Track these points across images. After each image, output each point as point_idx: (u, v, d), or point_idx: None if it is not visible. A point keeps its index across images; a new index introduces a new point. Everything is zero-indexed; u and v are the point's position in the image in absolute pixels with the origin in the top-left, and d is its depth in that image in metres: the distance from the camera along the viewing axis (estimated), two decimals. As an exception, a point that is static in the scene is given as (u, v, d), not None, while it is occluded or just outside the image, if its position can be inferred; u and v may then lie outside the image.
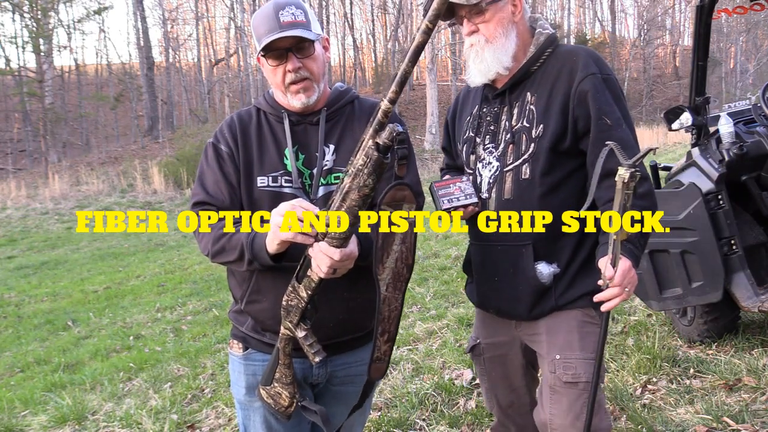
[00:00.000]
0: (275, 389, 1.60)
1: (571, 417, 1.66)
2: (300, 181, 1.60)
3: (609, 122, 1.59)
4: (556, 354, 1.69)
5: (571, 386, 1.66)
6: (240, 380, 1.72)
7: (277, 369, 1.58)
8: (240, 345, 1.71)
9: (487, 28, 1.67)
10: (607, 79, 1.64)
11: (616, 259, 1.49)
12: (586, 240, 1.71)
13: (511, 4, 1.69)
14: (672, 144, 16.09)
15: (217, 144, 1.65)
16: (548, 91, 1.67)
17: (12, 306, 7.26)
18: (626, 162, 1.39)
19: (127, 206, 15.58)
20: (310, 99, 1.59)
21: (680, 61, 33.83)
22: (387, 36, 34.52)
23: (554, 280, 1.69)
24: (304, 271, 1.45)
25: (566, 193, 1.68)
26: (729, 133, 3.10)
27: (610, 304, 1.53)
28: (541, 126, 1.66)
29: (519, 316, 1.77)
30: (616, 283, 1.50)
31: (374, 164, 1.25)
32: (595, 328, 1.71)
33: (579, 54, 1.68)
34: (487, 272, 1.80)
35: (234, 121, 1.68)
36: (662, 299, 3.28)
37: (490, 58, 1.68)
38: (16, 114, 30.17)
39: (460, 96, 1.96)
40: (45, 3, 24.47)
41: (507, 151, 1.71)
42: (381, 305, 1.38)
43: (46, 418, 3.55)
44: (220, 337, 4.83)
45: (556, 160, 1.66)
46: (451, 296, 5.09)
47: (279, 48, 1.55)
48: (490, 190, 1.74)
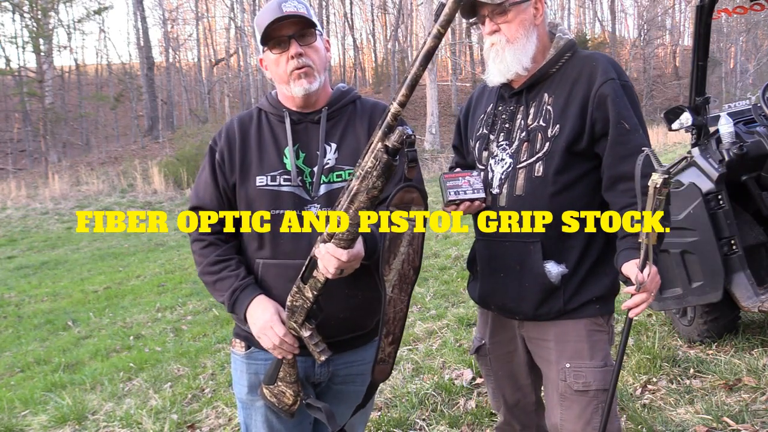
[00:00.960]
0: (279, 388, 1.60)
1: (582, 423, 1.68)
2: (300, 179, 1.61)
3: (628, 126, 1.62)
4: (566, 362, 1.70)
5: (581, 394, 1.68)
6: (242, 379, 1.72)
7: (281, 368, 1.59)
8: (242, 344, 1.71)
9: (509, 29, 1.69)
10: (626, 86, 1.67)
11: (645, 264, 1.49)
12: (595, 242, 1.72)
13: (533, 7, 1.71)
14: (672, 144, 16.10)
15: (214, 148, 1.68)
16: (567, 92, 1.69)
17: (12, 306, 7.26)
18: (661, 168, 1.40)
19: (127, 206, 15.57)
20: (311, 86, 1.60)
21: (680, 61, 33.83)
22: (387, 36, 34.53)
23: (563, 281, 1.70)
24: (310, 272, 1.46)
25: (577, 193, 1.69)
26: (729, 133, 3.11)
27: (638, 310, 1.54)
28: (557, 126, 1.68)
29: (523, 315, 1.77)
30: (647, 288, 1.51)
31: (383, 167, 1.26)
32: (603, 336, 1.73)
33: (599, 59, 1.71)
34: (493, 268, 1.80)
35: (233, 125, 1.70)
36: (662, 299, 3.28)
37: (510, 58, 1.70)
38: (16, 114, 30.16)
39: (474, 95, 1.99)
40: (45, 3, 24.48)
41: (521, 148, 1.73)
42: (386, 306, 1.38)
43: (46, 418, 3.55)
44: (220, 337, 4.83)
45: (570, 160, 1.67)
46: (451, 296, 5.08)
47: (281, 36, 1.57)
48: (501, 186, 1.75)
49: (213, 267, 1.64)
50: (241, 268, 1.64)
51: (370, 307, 1.63)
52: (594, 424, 1.66)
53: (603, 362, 1.69)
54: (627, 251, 1.58)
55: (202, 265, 1.67)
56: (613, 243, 1.68)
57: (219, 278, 1.63)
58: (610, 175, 1.65)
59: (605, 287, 1.72)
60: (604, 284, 1.72)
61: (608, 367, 1.70)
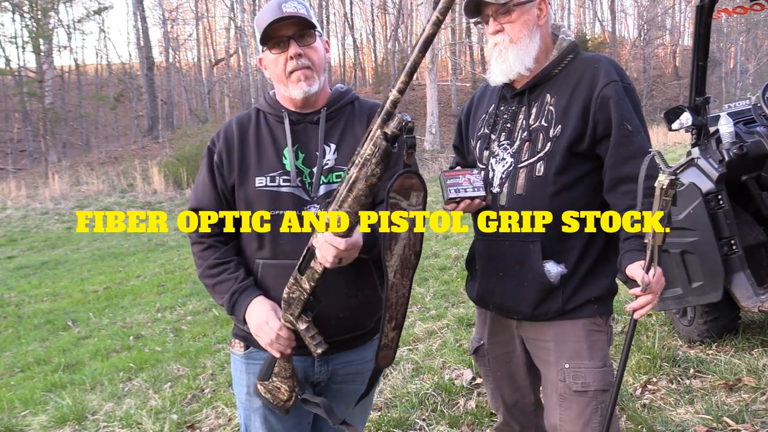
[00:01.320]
0: (274, 383, 1.60)
1: (581, 423, 1.68)
2: (299, 179, 1.61)
3: (630, 128, 1.62)
4: (565, 363, 1.70)
5: (581, 395, 1.68)
6: (242, 379, 1.72)
7: (276, 363, 1.59)
8: (241, 344, 1.71)
9: (513, 29, 1.70)
10: (628, 88, 1.68)
11: (651, 265, 1.49)
12: (595, 243, 1.72)
13: (537, 8, 1.71)
14: (672, 144, 16.08)
15: (213, 149, 1.69)
16: (569, 93, 1.69)
17: (12, 306, 7.26)
18: (667, 169, 1.40)
19: (127, 206, 15.58)
20: (311, 88, 1.60)
21: (680, 61, 33.81)
22: (387, 36, 34.52)
23: (562, 281, 1.70)
24: (307, 263, 1.45)
25: (578, 194, 1.69)
26: (729, 133, 3.11)
27: (643, 311, 1.54)
28: (559, 126, 1.68)
29: (521, 314, 1.77)
30: (653, 289, 1.51)
31: (382, 153, 1.26)
32: (602, 336, 1.74)
33: (601, 61, 1.71)
34: (493, 267, 1.80)
35: (231, 126, 1.70)
36: (662, 299, 3.28)
37: (513, 58, 1.71)
38: (16, 114, 30.15)
39: (476, 96, 1.99)
40: (45, 3, 24.48)
41: (522, 148, 1.73)
42: (389, 292, 1.37)
43: (46, 418, 3.55)
44: (220, 337, 4.83)
45: (571, 160, 1.68)
46: (451, 296, 5.09)
47: (280, 36, 1.57)
48: (502, 185, 1.75)
49: (212, 270, 1.65)
50: (240, 270, 1.65)
51: (370, 307, 1.63)
52: (593, 425, 1.67)
53: (602, 362, 1.70)
54: (630, 253, 1.58)
55: (201, 268, 1.68)
56: (613, 244, 1.69)
57: (218, 281, 1.64)
58: (612, 176, 1.65)
59: (604, 288, 1.72)
60: (604, 285, 1.72)
61: (607, 368, 1.70)
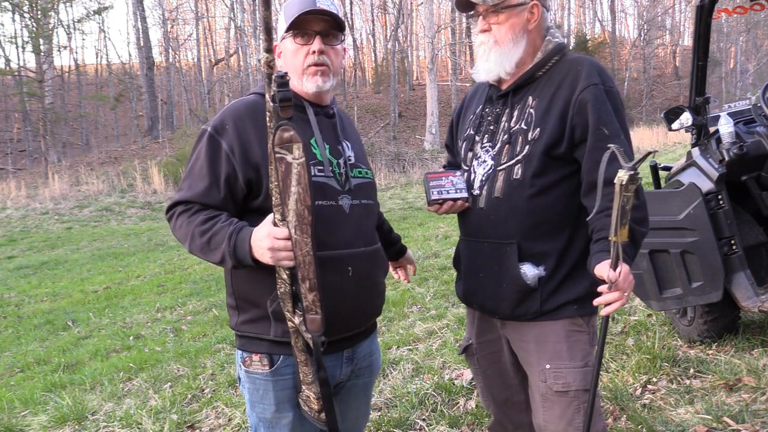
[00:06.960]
0: (305, 393, 1.52)
1: (564, 423, 1.69)
2: (330, 169, 1.60)
3: (607, 132, 1.61)
4: (546, 363, 1.71)
5: (562, 395, 1.69)
6: (266, 398, 1.57)
7: (299, 370, 1.50)
8: (265, 361, 1.54)
9: (499, 31, 1.71)
10: (609, 91, 1.67)
11: (617, 263, 1.49)
12: (574, 246, 1.72)
13: (528, 11, 1.71)
14: (672, 144, 16.09)
15: (218, 138, 1.53)
16: (549, 96, 1.69)
17: (12, 306, 7.26)
18: (626, 165, 1.40)
19: (127, 206, 15.59)
20: (325, 84, 1.61)
21: (680, 61, 33.81)
22: (387, 36, 34.48)
23: (540, 283, 1.70)
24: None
25: (555, 197, 1.70)
26: (729, 133, 3.10)
27: (611, 308, 1.53)
28: (538, 129, 1.68)
29: (502, 314, 1.79)
30: (619, 286, 1.50)
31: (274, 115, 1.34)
32: (582, 336, 1.73)
33: (583, 64, 1.70)
34: (474, 267, 1.82)
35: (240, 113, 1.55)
36: (662, 299, 3.27)
37: (494, 60, 1.73)
38: (16, 114, 30.15)
39: (467, 96, 2.01)
40: (45, 3, 24.44)
41: (502, 150, 1.74)
42: (294, 249, 1.39)
43: (46, 418, 3.55)
44: (220, 337, 4.83)
45: (548, 163, 1.68)
46: (451, 296, 5.08)
47: (309, 29, 1.57)
48: (481, 188, 1.76)
49: (204, 225, 1.48)
50: (232, 218, 1.50)
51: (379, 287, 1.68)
52: (576, 424, 1.67)
53: (583, 362, 1.70)
54: (599, 253, 1.58)
55: (191, 232, 1.49)
56: None
57: (213, 233, 1.46)
58: (588, 180, 1.64)
59: (584, 289, 1.71)
60: (583, 286, 1.71)
61: (588, 368, 1.70)
